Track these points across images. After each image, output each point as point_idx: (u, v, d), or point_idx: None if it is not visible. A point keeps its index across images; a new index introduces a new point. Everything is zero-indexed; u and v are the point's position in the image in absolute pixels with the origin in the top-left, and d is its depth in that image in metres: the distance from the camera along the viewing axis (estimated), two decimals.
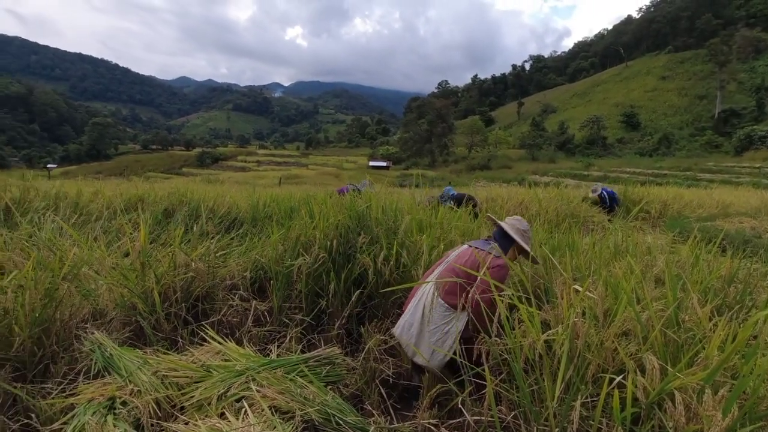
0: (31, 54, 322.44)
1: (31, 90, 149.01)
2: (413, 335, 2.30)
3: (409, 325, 2.35)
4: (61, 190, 5.42)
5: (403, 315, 2.46)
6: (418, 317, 2.31)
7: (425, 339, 2.25)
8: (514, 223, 2.54)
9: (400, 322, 2.44)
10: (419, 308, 2.32)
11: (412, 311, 2.37)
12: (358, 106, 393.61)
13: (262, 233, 4.07)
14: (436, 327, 2.23)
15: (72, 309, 2.71)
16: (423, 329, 2.27)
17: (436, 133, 67.64)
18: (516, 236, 2.45)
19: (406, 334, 2.35)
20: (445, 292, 2.27)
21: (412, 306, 2.39)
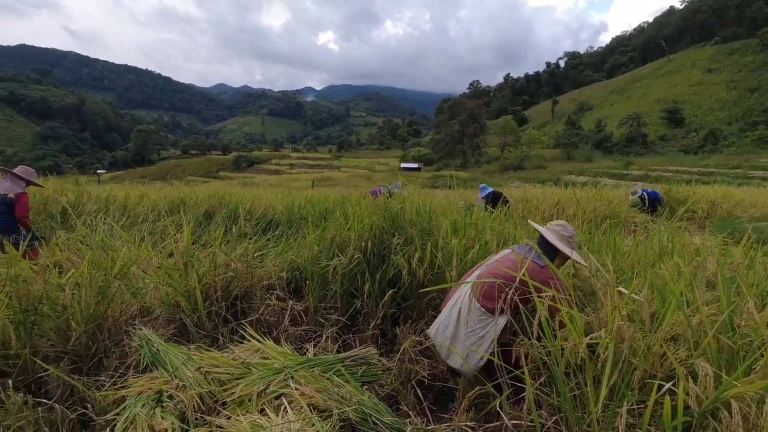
0: (83, 67, 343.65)
1: (83, 100, 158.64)
2: (448, 337, 2.27)
3: (444, 326, 2.32)
4: (110, 194, 5.73)
5: (439, 316, 2.43)
6: (453, 319, 2.28)
7: (460, 341, 2.22)
8: (557, 229, 2.39)
9: (436, 323, 2.41)
10: (455, 310, 2.29)
11: (448, 313, 2.34)
12: (389, 108, 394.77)
13: (298, 234, 4.15)
14: (471, 330, 2.19)
15: (122, 306, 2.86)
16: (458, 332, 2.24)
17: (468, 133, 66.88)
18: (560, 244, 2.32)
19: (440, 336, 2.32)
20: (482, 296, 2.21)
21: (448, 308, 2.36)
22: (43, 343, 2.49)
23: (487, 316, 2.17)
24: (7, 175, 4.15)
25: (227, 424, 1.87)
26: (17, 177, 4.11)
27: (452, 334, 2.27)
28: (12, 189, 4.03)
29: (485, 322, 2.17)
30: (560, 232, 2.38)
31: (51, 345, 2.50)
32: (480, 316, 2.19)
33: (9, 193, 3.99)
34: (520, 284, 2.09)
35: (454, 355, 2.23)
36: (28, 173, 4.19)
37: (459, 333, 2.23)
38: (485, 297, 2.19)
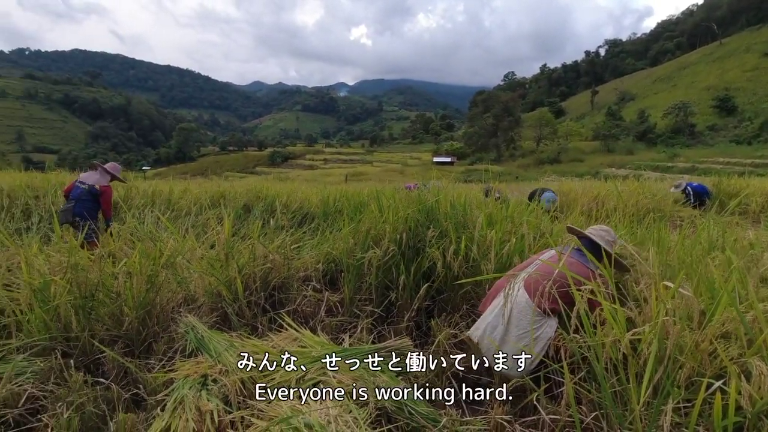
0: (130, 68, 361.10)
1: (129, 101, 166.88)
2: (496, 339, 2.20)
3: (492, 327, 2.25)
4: (156, 189, 6.02)
5: (482, 317, 2.36)
6: (503, 320, 2.20)
7: (510, 343, 2.15)
8: (603, 234, 2.35)
9: (480, 324, 2.34)
10: (505, 311, 2.21)
11: (496, 313, 2.26)
12: (422, 102, 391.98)
13: (333, 227, 4.22)
14: (524, 332, 2.11)
15: (169, 294, 3.02)
16: (509, 333, 2.17)
17: (503, 126, 65.49)
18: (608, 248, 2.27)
19: (485, 338, 2.25)
20: (536, 295, 2.13)
21: (495, 308, 2.28)
22: (99, 327, 2.66)
23: (541, 317, 2.10)
24: (99, 168, 4.57)
25: (268, 408, 1.95)
26: (106, 171, 4.48)
27: (501, 336, 2.20)
28: (99, 181, 4.45)
29: (539, 323, 2.10)
30: (606, 237, 2.34)
31: (106, 329, 2.67)
32: (534, 317, 2.12)
33: (96, 184, 4.40)
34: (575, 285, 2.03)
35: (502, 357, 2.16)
36: (115, 168, 4.59)
37: (509, 334, 2.16)
38: (539, 297, 2.11)
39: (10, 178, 5.77)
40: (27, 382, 2.22)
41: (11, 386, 2.14)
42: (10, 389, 2.12)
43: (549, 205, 5.22)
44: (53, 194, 5.34)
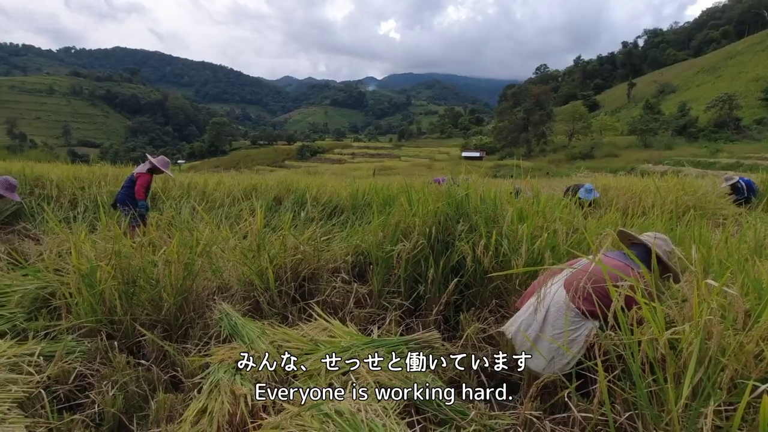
0: (167, 65, 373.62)
1: (166, 96, 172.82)
2: (530, 336, 2.16)
3: (526, 325, 2.21)
4: (191, 181, 6.22)
5: (518, 314, 2.33)
6: (539, 318, 2.15)
7: (545, 342, 2.10)
8: (660, 243, 2.22)
9: (515, 320, 2.30)
10: (542, 309, 2.16)
11: (532, 311, 2.21)
12: (450, 96, 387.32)
13: (362, 220, 4.26)
14: (560, 332, 2.06)
15: (205, 282, 3.13)
16: (544, 332, 2.12)
17: (533, 121, 63.97)
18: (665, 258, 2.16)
19: (519, 335, 2.21)
20: (577, 296, 2.06)
21: (531, 305, 2.23)
22: (140, 311, 2.79)
23: (580, 318, 2.04)
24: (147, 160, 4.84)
25: (298, 394, 2.00)
26: (149, 162, 4.73)
27: (536, 334, 2.16)
28: (139, 169, 4.71)
29: (578, 324, 2.04)
30: (663, 247, 2.22)
31: (146, 314, 2.80)
32: (573, 317, 2.06)
33: (135, 172, 4.68)
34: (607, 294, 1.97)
35: (535, 357, 2.13)
36: (160, 162, 4.82)
37: (544, 333, 2.12)
38: (580, 298, 2.04)
39: (58, 170, 6.11)
40: (76, 360, 2.36)
41: (62, 364, 2.28)
42: (61, 367, 2.26)
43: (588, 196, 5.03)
44: (98, 185, 5.62)
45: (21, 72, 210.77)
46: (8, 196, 4.28)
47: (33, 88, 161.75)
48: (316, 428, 1.65)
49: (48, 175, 5.66)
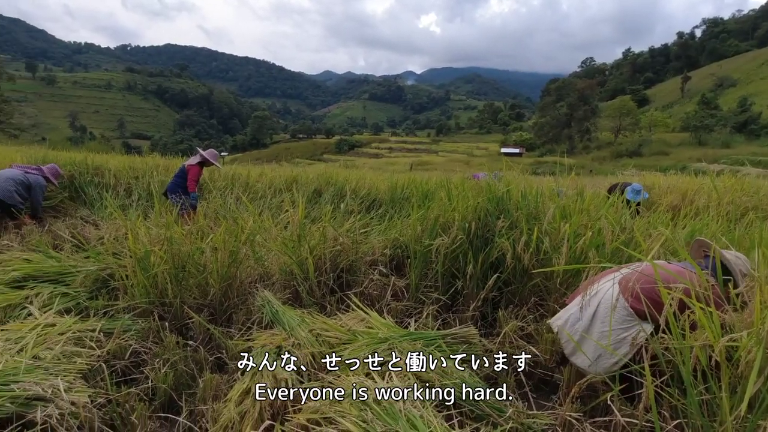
0: (213, 60, 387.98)
1: (211, 91, 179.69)
2: (578, 332, 2.11)
3: (575, 319, 2.16)
4: (235, 172, 6.44)
5: (566, 307, 2.28)
6: (588, 314, 2.09)
7: (592, 340, 2.04)
8: (740, 264, 2.07)
9: (563, 315, 2.26)
10: (592, 305, 2.11)
11: (581, 306, 2.16)
12: (490, 91, 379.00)
13: (401, 214, 4.27)
14: (611, 330, 1.99)
15: (248, 269, 3.25)
16: (592, 329, 2.06)
17: (577, 116, 61.55)
18: (740, 282, 2.01)
19: (569, 330, 2.16)
20: (633, 296, 1.99)
21: (582, 301, 2.18)
22: (188, 295, 2.94)
23: (633, 319, 1.97)
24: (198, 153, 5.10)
25: (337, 382, 2.05)
26: (200, 155, 4.97)
27: (584, 330, 2.10)
28: (190, 161, 4.96)
29: (629, 323, 1.97)
30: (741, 268, 2.07)
31: (194, 298, 2.95)
32: (625, 316, 1.99)
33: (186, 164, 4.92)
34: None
35: (580, 354, 2.08)
36: (210, 154, 5.06)
37: (593, 330, 2.06)
38: (635, 298, 1.96)
39: (115, 160, 6.50)
40: (131, 338, 2.52)
41: (119, 341, 2.44)
42: (118, 343, 2.43)
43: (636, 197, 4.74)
44: (150, 175, 5.94)
45: (83, 68, 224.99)
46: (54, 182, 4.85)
47: (93, 83, 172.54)
48: (355, 415, 1.69)
49: (106, 165, 6.04)
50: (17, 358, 2.07)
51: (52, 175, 4.95)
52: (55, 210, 5.26)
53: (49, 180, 4.92)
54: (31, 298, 2.84)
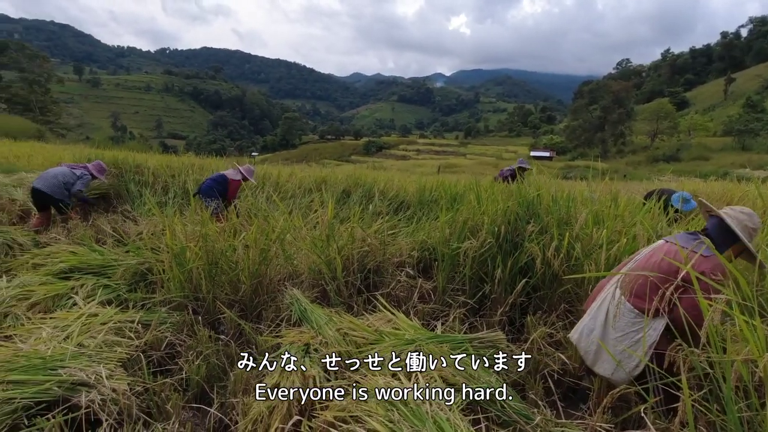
0: (246, 63, 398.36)
1: (244, 92, 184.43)
2: (594, 342, 2.07)
3: (589, 330, 2.12)
4: (266, 172, 6.59)
5: (582, 318, 2.24)
6: (600, 322, 2.06)
7: (609, 347, 2.00)
8: (741, 217, 1.97)
9: (579, 326, 2.22)
10: (601, 312, 2.07)
11: (593, 315, 2.13)
12: (521, 93, 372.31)
13: (429, 216, 4.26)
14: (623, 334, 1.96)
15: (277, 267, 3.32)
16: (606, 336, 2.03)
17: (611, 120, 59.65)
18: (743, 234, 1.92)
19: (585, 341, 2.13)
20: (633, 294, 1.96)
21: (594, 309, 2.15)
22: (220, 291, 3.03)
23: (640, 318, 1.93)
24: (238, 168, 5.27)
25: (364, 381, 2.07)
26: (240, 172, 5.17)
27: (599, 339, 2.06)
28: (232, 174, 5.12)
29: (639, 324, 1.93)
30: (744, 221, 1.95)
31: (225, 294, 3.04)
32: (633, 318, 1.95)
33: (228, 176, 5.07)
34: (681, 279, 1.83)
35: (601, 362, 2.04)
36: (247, 171, 5.22)
37: (607, 337, 2.02)
38: (636, 296, 1.94)
39: (153, 159, 6.77)
40: (167, 330, 2.63)
41: (156, 332, 2.55)
42: (155, 335, 2.53)
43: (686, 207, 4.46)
44: (186, 174, 6.15)
45: (125, 71, 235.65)
46: (100, 177, 5.13)
47: (134, 85, 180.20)
48: (381, 415, 1.70)
49: (146, 164, 6.30)
50: (64, 345, 2.20)
51: (97, 171, 5.25)
52: (106, 202, 5.56)
53: (95, 176, 5.20)
54: (76, 289, 3.00)
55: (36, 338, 2.26)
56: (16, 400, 1.78)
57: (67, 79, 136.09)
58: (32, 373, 1.92)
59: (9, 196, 5.30)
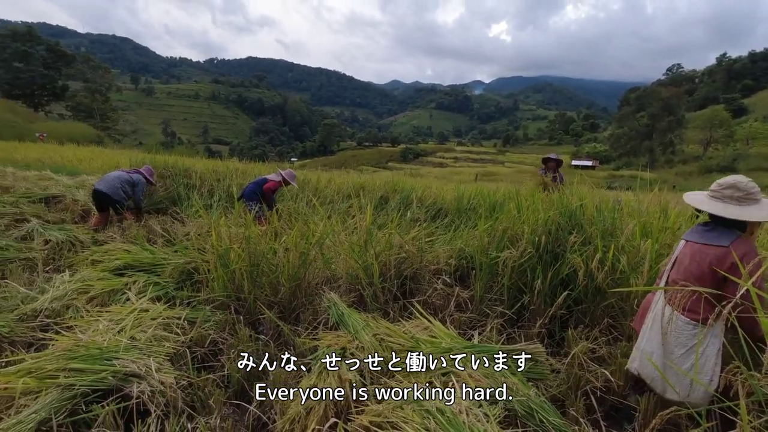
0: (288, 71, 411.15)
1: (286, 100, 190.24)
2: (659, 365, 1.95)
3: (648, 354, 2.01)
4: (306, 177, 6.75)
5: (636, 344, 2.13)
6: (657, 343, 1.95)
7: (673, 369, 1.89)
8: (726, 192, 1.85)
9: (635, 354, 2.12)
10: (655, 332, 1.96)
11: (648, 337, 2.02)
12: (562, 100, 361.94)
13: (467, 224, 4.22)
14: (687, 350, 1.84)
15: (316, 271, 3.38)
16: (669, 356, 1.91)
17: (660, 127, 56.83)
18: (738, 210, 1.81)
19: (648, 367, 2.00)
20: (686, 309, 1.85)
21: (646, 331, 2.04)
22: (260, 292, 3.12)
23: (698, 328, 1.83)
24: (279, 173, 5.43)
25: (399, 387, 2.06)
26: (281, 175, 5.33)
27: (662, 362, 1.95)
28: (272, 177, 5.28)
29: (697, 337, 1.82)
30: (732, 194, 1.83)
31: (265, 295, 3.12)
32: (691, 330, 1.84)
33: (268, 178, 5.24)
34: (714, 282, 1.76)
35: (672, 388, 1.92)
36: (289, 175, 5.38)
37: (670, 358, 1.91)
38: (690, 309, 1.84)
39: (201, 164, 7.11)
40: (210, 328, 2.73)
41: (200, 330, 2.66)
42: (199, 332, 2.64)
43: None
44: (230, 178, 6.41)
45: (176, 80, 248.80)
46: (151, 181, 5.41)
47: (183, 94, 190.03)
48: (417, 423, 1.70)
49: (194, 168, 6.62)
50: (118, 337, 2.34)
51: (149, 175, 5.57)
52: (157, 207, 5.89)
53: (149, 180, 5.52)
54: (129, 285, 3.18)
55: (93, 330, 2.42)
56: (76, 386, 1.91)
57: (125, 88, 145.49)
58: (90, 363, 2.06)
59: (72, 197, 5.71)
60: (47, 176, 6.89)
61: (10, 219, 4.84)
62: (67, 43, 71.52)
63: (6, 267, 3.63)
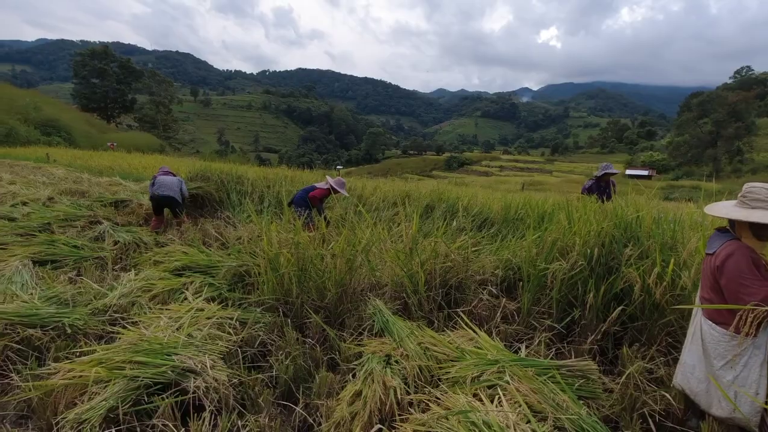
0: (335, 81, 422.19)
1: (332, 109, 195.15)
2: (702, 380, 1.87)
3: (690, 368, 1.93)
4: (352, 185, 6.87)
5: (680, 359, 2.06)
6: (698, 357, 1.87)
7: (718, 381, 1.79)
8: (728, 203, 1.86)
9: (678, 368, 2.06)
10: (695, 345, 1.88)
11: (688, 350, 1.95)
12: (616, 107, 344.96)
13: (514, 234, 4.13)
14: (726, 362, 1.75)
15: (361, 277, 3.43)
16: (711, 370, 1.83)
17: (726, 135, 52.75)
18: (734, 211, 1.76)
19: (690, 381, 1.93)
20: (714, 314, 1.80)
21: (687, 344, 1.97)
22: (307, 297, 3.21)
23: (734, 337, 1.72)
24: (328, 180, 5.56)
25: (444, 398, 2.05)
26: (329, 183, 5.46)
27: (704, 376, 1.86)
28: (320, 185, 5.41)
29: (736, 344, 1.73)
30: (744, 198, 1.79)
31: (312, 300, 3.21)
32: (729, 340, 1.74)
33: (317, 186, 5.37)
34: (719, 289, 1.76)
35: (717, 401, 1.83)
36: (338, 183, 5.50)
37: (712, 371, 1.82)
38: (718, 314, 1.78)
39: (252, 171, 7.44)
40: (260, 329, 2.84)
41: (251, 330, 2.77)
42: (249, 332, 2.76)
43: None
44: (280, 185, 6.66)
45: (231, 92, 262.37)
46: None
47: (237, 104, 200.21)
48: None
49: (246, 175, 6.94)
50: (176, 334, 2.49)
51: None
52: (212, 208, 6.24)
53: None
54: (187, 285, 3.38)
55: (155, 326, 2.59)
56: (140, 378, 2.05)
57: (185, 100, 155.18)
58: (152, 357, 2.20)
59: (138, 201, 6.16)
60: (116, 182, 7.49)
61: (86, 221, 5.30)
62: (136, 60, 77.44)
63: (81, 264, 3.97)
